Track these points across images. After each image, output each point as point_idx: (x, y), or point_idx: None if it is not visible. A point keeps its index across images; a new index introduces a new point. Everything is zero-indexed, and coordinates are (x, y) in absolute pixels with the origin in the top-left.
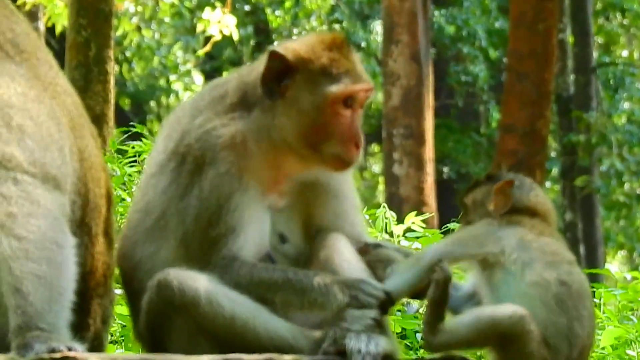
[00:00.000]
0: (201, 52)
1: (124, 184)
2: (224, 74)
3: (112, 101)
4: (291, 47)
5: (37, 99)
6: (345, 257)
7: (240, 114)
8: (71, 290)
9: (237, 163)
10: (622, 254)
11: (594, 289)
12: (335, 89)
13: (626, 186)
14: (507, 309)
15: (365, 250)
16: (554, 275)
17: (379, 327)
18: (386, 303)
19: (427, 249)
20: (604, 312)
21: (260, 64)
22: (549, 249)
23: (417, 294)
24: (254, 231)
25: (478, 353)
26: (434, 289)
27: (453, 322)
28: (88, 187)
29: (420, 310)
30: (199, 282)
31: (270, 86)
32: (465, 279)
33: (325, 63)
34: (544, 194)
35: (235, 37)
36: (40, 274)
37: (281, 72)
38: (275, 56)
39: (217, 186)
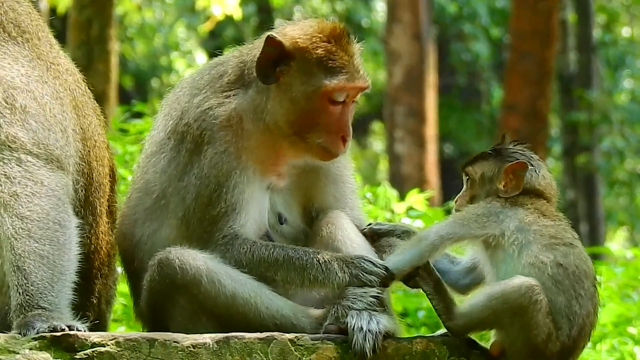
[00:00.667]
0: (203, 30)
1: (125, 162)
2: (226, 52)
3: (114, 80)
4: (290, 33)
5: (40, 80)
6: (347, 234)
7: (237, 92)
8: (73, 270)
9: (235, 142)
10: (623, 231)
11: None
12: (328, 82)
13: (627, 164)
14: (516, 281)
15: (373, 236)
16: (550, 258)
17: (381, 305)
18: (387, 279)
19: (429, 229)
20: (605, 290)
21: (260, 43)
22: (548, 232)
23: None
24: (254, 209)
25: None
26: (427, 290)
27: (467, 304)
28: (92, 166)
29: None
30: (200, 261)
31: (266, 70)
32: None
33: (321, 54)
34: (549, 173)
35: (238, 16)
36: (43, 253)
37: (277, 58)
38: (272, 42)
39: (216, 165)
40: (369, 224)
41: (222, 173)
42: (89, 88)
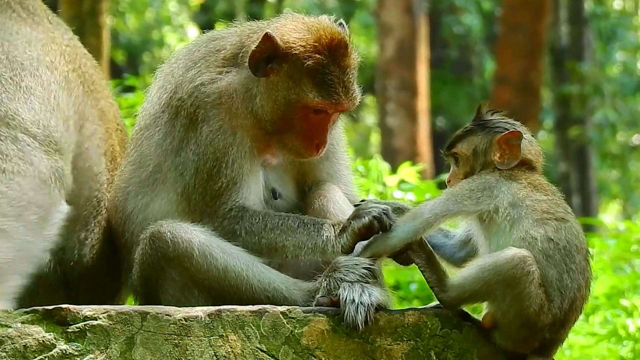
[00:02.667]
0: (194, 4)
1: None
2: (217, 26)
3: (106, 54)
4: (288, 35)
5: (51, 66)
6: (340, 206)
7: (231, 70)
8: (41, 251)
9: (228, 120)
10: (616, 204)
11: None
12: (311, 97)
13: (620, 137)
14: (508, 252)
15: None
16: (541, 232)
17: (373, 277)
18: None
19: (423, 205)
20: (597, 262)
21: (263, 28)
22: (540, 207)
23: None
24: (254, 183)
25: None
26: (419, 263)
27: (459, 276)
28: (114, 149)
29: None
30: (192, 234)
31: (258, 64)
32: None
33: (311, 66)
34: (535, 141)
35: None
36: (6, 228)
37: (271, 55)
38: (268, 40)
39: (212, 142)
40: (362, 200)
41: (219, 149)
42: None
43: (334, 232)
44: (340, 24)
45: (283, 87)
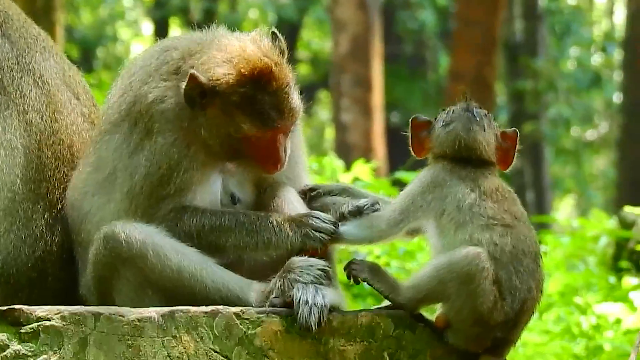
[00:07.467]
0: None
1: None
2: (171, 21)
3: (60, 50)
4: (212, 69)
5: None
6: (294, 206)
7: (179, 83)
8: None
9: (182, 135)
10: (570, 199)
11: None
12: (246, 128)
13: (574, 132)
14: (462, 250)
15: (312, 196)
16: (485, 237)
17: (327, 278)
18: (335, 238)
19: (380, 215)
20: (551, 260)
21: (203, 45)
22: (486, 213)
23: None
24: (204, 191)
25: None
26: (365, 278)
27: (413, 277)
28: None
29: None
30: (146, 235)
31: (193, 100)
32: None
33: (237, 101)
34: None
35: None
36: None
37: (202, 92)
38: (193, 80)
39: (167, 152)
40: (313, 188)
41: (172, 160)
42: None
43: (275, 232)
44: (274, 34)
45: (220, 121)
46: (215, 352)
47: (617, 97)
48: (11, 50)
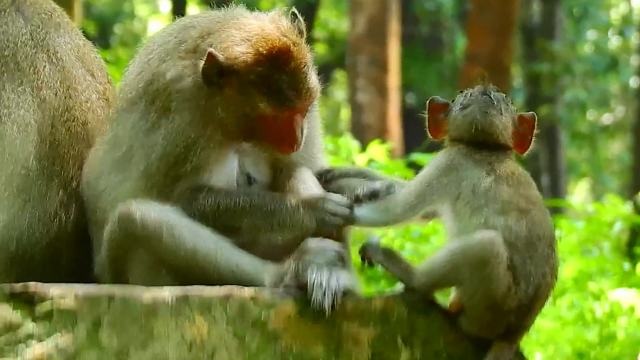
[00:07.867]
0: None
1: None
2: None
3: (78, 26)
4: (230, 48)
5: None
6: (310, 186)
7: (197, 62)
8: None
9: (200, 115)
10: (585, 183)
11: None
12: (264, 107)
13: (589, 116)
14: (476, 235)
15: (328, 178)
16: (500, 222)
17: (341, 261)
18: (350, 220)
19: (395, 199)
20: (565, 245)
21: (221, 23)
22: (501, 198)
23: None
24: (220, 171)
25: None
26: (381, 261)
27: (428, 261)
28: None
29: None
30: (161, 214)
31: (210, 79)
32: None
33: (257, 79)
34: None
35: None
36: None
37: (219, 70)
38: (211, 58)
39: (183, 132)
40: (329, 170)
41: (189, 139)
42: None
43: (290, 215)
44: (293, 14)
45: (237, 100)
46: (229, 334)
47: (633, 82)
48: (25, 25)
